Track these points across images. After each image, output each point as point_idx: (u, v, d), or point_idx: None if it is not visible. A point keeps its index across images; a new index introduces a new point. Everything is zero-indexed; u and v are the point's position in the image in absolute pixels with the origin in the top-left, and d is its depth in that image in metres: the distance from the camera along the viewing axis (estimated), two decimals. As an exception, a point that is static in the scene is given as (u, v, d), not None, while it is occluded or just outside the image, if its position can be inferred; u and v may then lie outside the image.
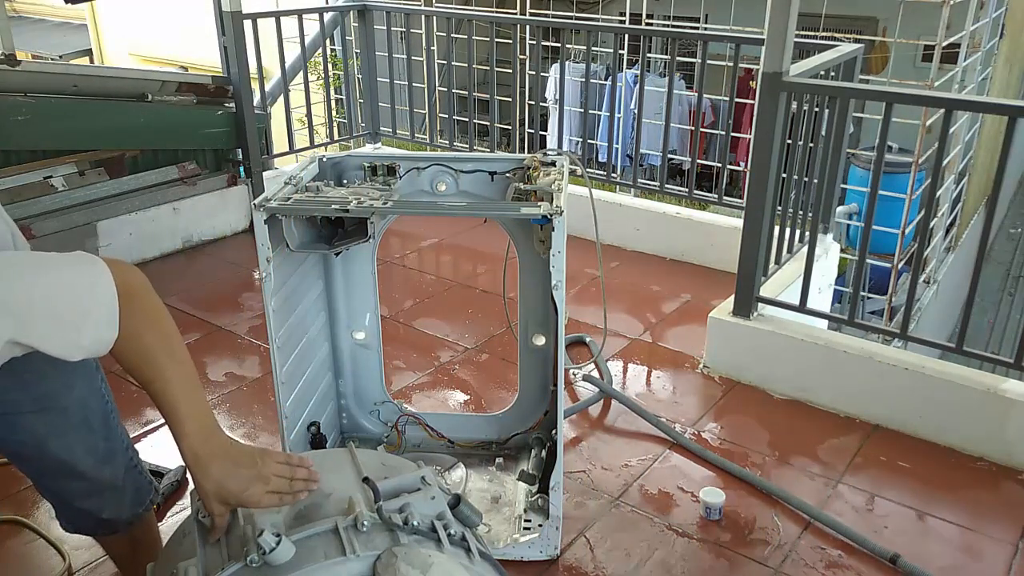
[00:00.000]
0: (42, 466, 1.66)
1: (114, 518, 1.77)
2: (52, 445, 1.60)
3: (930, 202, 3.49)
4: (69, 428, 1.62)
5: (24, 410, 1.55)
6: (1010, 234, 9.07)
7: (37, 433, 1.58)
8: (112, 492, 1.73)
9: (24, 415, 1.56)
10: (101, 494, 1.72)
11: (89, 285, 1.24)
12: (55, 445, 1.61)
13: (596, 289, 3.95)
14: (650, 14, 7.11)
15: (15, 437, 1.58)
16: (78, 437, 1.63)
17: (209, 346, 3.51)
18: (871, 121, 3.99)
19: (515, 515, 2.38)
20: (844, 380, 3.00)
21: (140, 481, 1.80)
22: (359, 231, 2.19)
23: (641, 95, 4.64)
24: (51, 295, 1.22)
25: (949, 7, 5.22)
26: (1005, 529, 2.46)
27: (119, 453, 1.73)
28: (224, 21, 4.33)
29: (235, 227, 4.72)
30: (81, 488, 1.69)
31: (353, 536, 1.26)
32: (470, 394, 3.20)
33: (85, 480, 1.67)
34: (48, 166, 4.05)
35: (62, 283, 1.23)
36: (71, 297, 1.23)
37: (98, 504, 1.73)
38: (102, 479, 1.69)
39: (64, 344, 1.24)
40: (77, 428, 1.63)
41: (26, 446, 1.61)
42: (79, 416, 1.63)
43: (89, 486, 1.69)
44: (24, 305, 1.19)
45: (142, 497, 1.81)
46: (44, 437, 1.59)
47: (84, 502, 1.72)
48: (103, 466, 1.69)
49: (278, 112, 5.09)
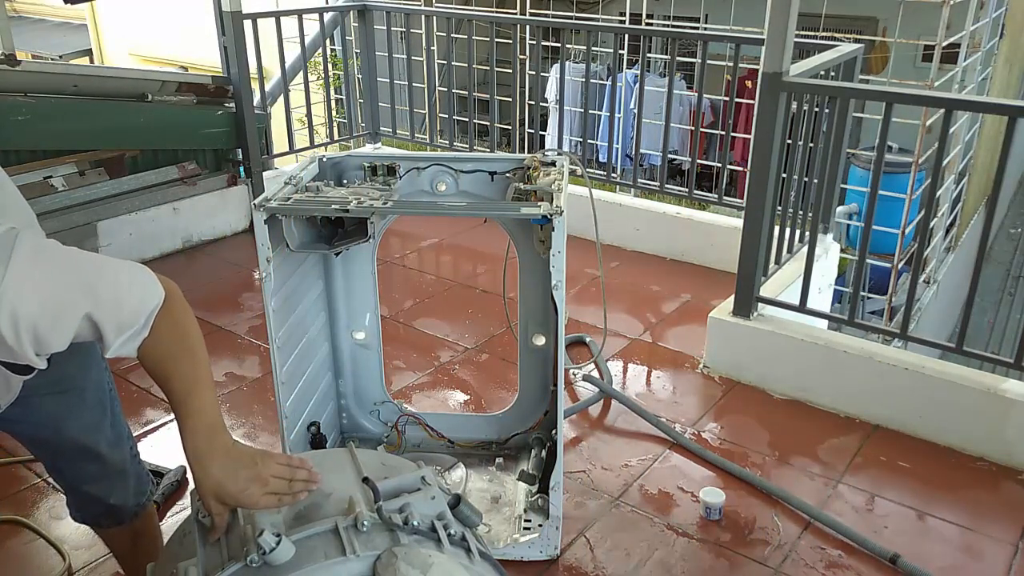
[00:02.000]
0: (60, 449, 1.71)
1: (120, 504, 1.82)
2: (70, 426, 1.67)
3: (930, 202, 3.49)
4: (86, 409, 1.69)
5: (43, 392, 1.59)
6: (1010, 234, 9.06)
7: (55, 414, 1.65)
8: (120, 477, 1.80)
9: (43, 397, 1.61)
10: (110, 478, 1.78)
11: (140, 280, 1.35)
12: (73, 426, 1.67)
13: (596, 289, 3.95)
14: (650, 14, 7.10)
15: (33, 419, 1.64)
16: (94, 419, 1.71)
17: (209, 346, 3.42)
18: (871, 121, 3.98)
19: (515, 515, 2.38)
20: (844, 380, 3.00)
21: (140, 470, 1.87)
22: (359, 231, 2.20)
23: (641, 95, 4.64)
24: (116, 280, 1.32)
25: (949, 7, 5.21)
26: (1005, 529, 2.46)
27: (124, 439, 1.80)
28: (224, 21, 4.33)
29: (235, 227, 4.72)
30: (94, 471, 1.75)
31: (353, 536, 1.26)
32: (470, 394, 3.20)
33: (99, 462, 1.74)
34: (48, 166, 4.05)
35: (125, 274, 1.35)
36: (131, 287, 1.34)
37: (107, 489, 1.79)
38: (114, 461, 1.76)
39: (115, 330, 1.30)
40: (93, 409, 1.71)
41: (44, 428, 1.66)
42: (95, 398, 1.71)
43: (101, 469, 1.75)
44: (95, 281, 1.29)
45: (143, 486, 1.88)
46: (62, 418, 1.65)
47: (94, 486, 1.78)
48: (114, 449, 1.76)
49: (278, 112, 5.09)
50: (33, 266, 1.22)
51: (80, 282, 1.28)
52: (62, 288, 1.25)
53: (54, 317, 1.24)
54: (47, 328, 1.23)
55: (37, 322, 1.21)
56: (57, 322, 1.24)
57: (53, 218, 3.93)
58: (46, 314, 1.23)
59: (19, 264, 1.20)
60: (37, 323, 1.21)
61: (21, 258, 1.21)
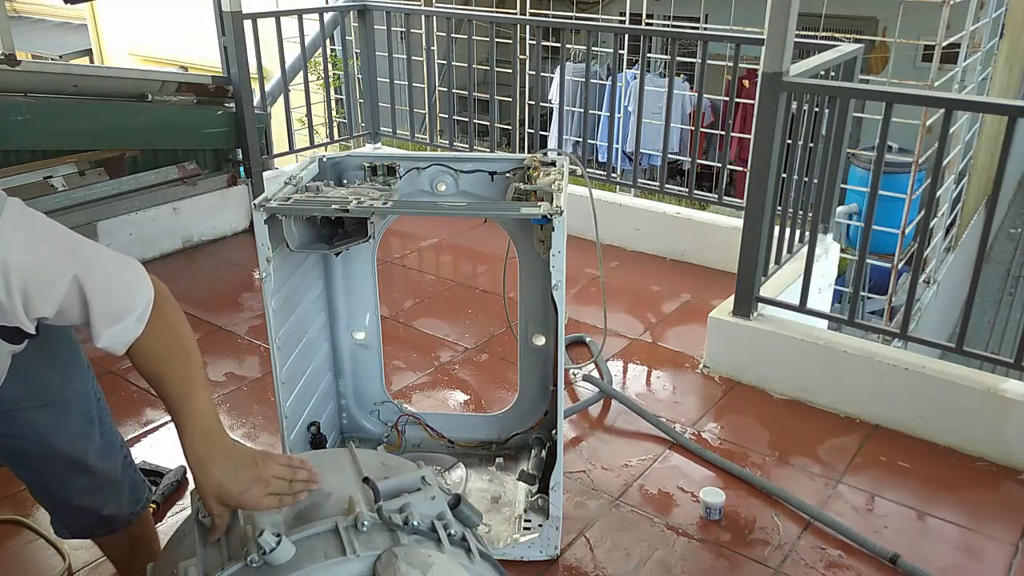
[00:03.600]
0: (46, 463, 1.66)
1: (114, 514, 1.78)
2: (57, 439, 1.62)
3: (930, 202, 3.49)
4: (72, 421, 1.64)
5: (26, 406, 1.56)
6: (1010, 234, 9.05)
7: (40, 428, 1.60)
8: (112, 487, 1.75)
9: (26, 411, 1.57)
10: (102, 489, 1.73)
11: (134, 273, 1.36)
12: (60, 439, 1.62)
13: (596, 289, 3.95)
14: (650, 14, 7.10)
15: (18, 434, 1.60)
16: (81, 430, 1.66)
17: (209, 346, 3.50)
18: (871, 121, 3.98)
19: (515, 515, 2.38)
20: (844, 380, 3.00)
21: (135, 478, 1.83)
22: (359, 231, 2.19)
23: (641, 95, 4.64)
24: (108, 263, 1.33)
25: (949, 7, 5.21)
26: (1005, 529, 2.46)
27: (116, 448, 1.76)
28: (224, 21, 4.33)
29: (235, 227, 4.72)
30: (84, 484, 1.70)
31: (353, 536, 1.26)
32: (470, 394, 3.20)
33: (88, 474, 1.68)
34: (48, 166, 4.05)
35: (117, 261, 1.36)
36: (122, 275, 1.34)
37: (100, 500, 1.74)
38: (104, 473, 1.71)
39: (106, 315, 1.29)
40: (79, 421, 1.65)
41: (30, 443, 1.62)
42: (81, 409, 1.66)
43: (91, 481, 1.70)
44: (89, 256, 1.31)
45: (138, 494, 1.83)
46: (48, 432, 1.61)
47: (85, 499, 1.73)
48: (104, 460, 1.71)
49: (278, 112, 5.09)
50: (23, 222, 1.24)
51: (70, 245, 1.29)
52: (53, 246, 1.27)
53: (43, 273, 1.24)
54: (36, 286, 1.23)
55: (27, 277, 1.21)
56: (46, 279, 1.24)
57: (53, 218, 3.82)
58: (36, 269, 1.23)
59: (10, 219, 1.21)
60: (27, 278, 1.21)
61: (12, 214, 1.22)
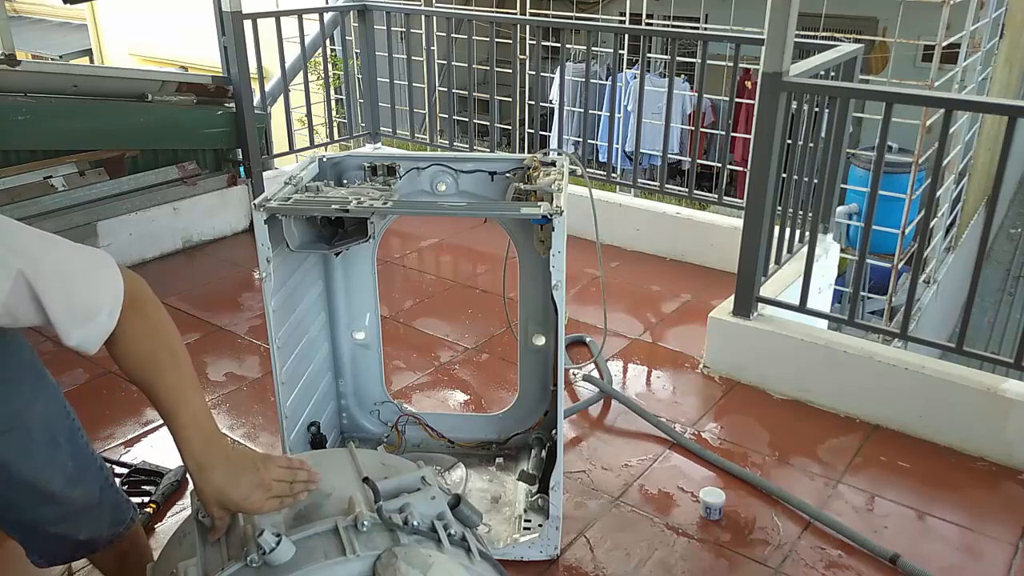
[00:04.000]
0: (7, 495, 1.52)
1: (93, 538, 1.67)
2: (18, 468, 1.48)
3: (930, 202, 3.49)
4: (35, 448, 1.50)
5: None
6: (1010, 234, 9.06)
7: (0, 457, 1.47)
8: (87, 513, 1.64)
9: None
10: (77, 515, 1.62)
11: (100, 266, 1.27)
12: (22, 467, 1.49)
13: (596, 289, 3.95)
14: (650, 14, 7.11)
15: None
16: (46, 457, 1.53)
17: (209, 346, 3.50)
18: (871, 121, 3.99)
19: (515, 515, 2.38)
20: (844, 380, 3.00)
21: (117, 499, 1.71)
22: (359, 231, 2.19)
23: (641, 95, 4.64)
24: (65, 258, 1.25)
25: (949, 7, 5.22)
26: (1005, 529, 2.46)
27: (91, 471, 1.64)
28: (224, 21, 4.33)
29: (235, 227, 4.72)
30: (54, 513, 1.58)
31: (353, 536, 1.26)
32: (470, 394, 3.20)
33: (56, 503, 1.56)
34: (48, 166, 4.05)
35: (78, 255, 1.27)
36: (84, 269, 1.26)
37: (74, 528, 1.63)
38: (75, 500, 1.59)
39: (67, 312, 1.22)
40: (43, 447, 1.52)
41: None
42: (45, 435, 1.52)
43: (61, 510, 1.58)
44: (40, 254, 1.22)
45: (121, 515, 1.72)
46: (8, 460, 1.47)
47: (58, 527, 1.61)
48: (75, 486, 1.59)
49: (278, 112, 5.09)
50: None
51: (16, 241, 1.20)
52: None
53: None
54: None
55: None
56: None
57: (53, 218, 3.93)
58: None
59: None
60: None
61: None
